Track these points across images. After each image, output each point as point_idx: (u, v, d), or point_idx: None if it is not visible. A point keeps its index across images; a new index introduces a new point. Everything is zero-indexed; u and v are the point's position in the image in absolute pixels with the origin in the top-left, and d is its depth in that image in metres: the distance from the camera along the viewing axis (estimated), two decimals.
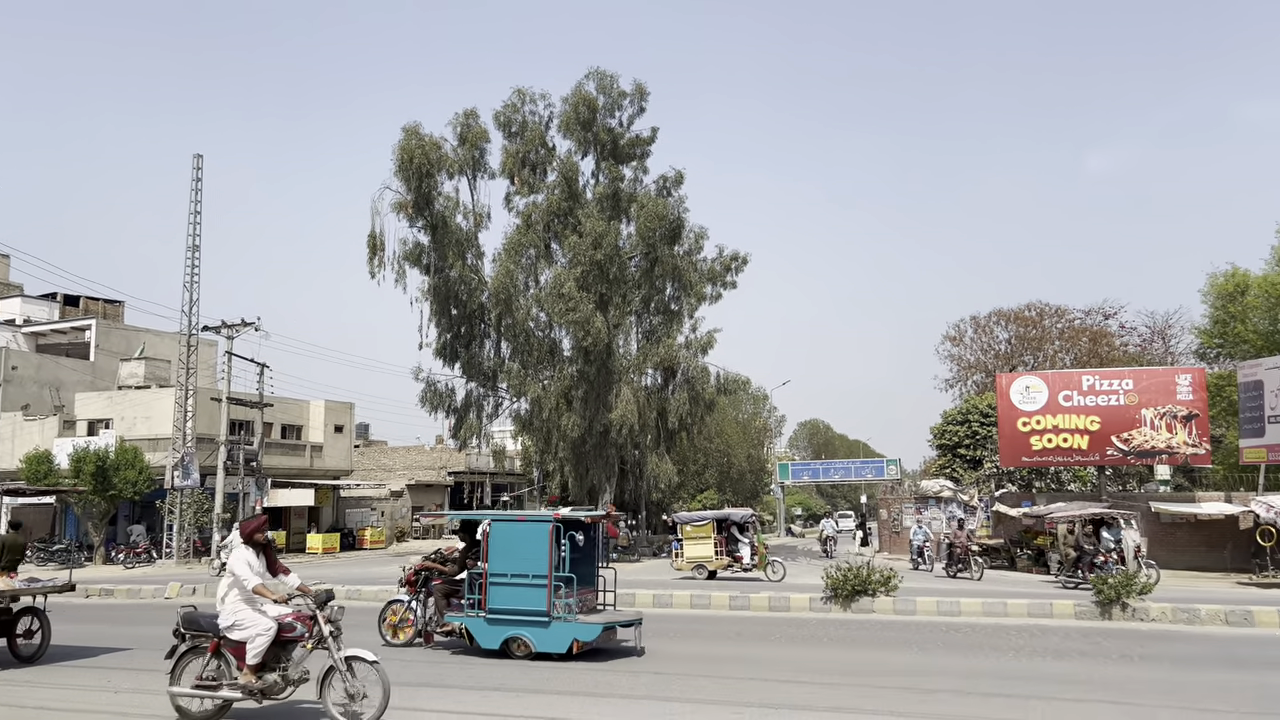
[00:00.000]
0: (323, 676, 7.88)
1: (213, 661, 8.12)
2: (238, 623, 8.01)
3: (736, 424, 64.49)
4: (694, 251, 37.36)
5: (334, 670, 7.85)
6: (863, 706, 9.02)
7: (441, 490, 59.21)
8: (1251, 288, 35.88)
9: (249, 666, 7.85)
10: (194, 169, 37.72)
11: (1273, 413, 28.56)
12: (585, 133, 36.07)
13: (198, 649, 8.25)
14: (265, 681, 7.86)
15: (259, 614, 8.03)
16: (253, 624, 7.95)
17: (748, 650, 12.91)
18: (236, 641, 7.99)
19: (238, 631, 7.98)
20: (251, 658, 7.84)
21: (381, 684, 7.78)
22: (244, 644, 7.93)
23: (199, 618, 8.36)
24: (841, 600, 17.25)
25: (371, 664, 7.85)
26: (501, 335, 36.00)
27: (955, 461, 43.01)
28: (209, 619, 8.26)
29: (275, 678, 7.91)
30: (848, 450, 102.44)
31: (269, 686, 7.87)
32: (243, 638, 7.94)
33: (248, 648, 7.88)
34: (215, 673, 8.10)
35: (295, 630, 8.01)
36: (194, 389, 37.51)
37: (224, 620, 8.07)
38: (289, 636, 7.99)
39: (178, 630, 8.34)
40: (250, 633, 7.91)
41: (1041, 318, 50.36)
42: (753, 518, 27.06)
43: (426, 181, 34.02)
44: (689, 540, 25.31)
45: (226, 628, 8.04)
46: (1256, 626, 15.11)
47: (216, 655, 8.13)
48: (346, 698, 7.79)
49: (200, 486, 36.52)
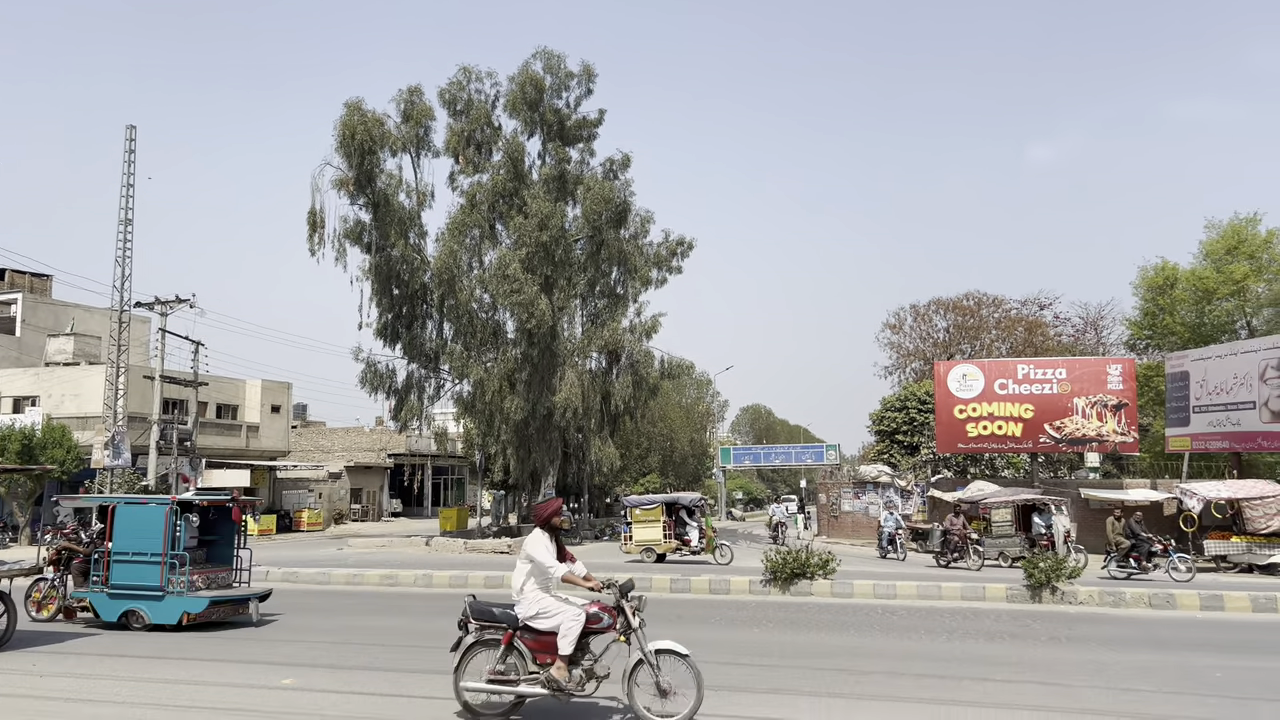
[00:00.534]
0: (631, 670, 7.37)
1: (505, 655, 7.56)
2: (542, 612, 7.47)
3: (680, 408, 64.81)
4: (640, 235, 37.32)
5: (642, 664, 7.35)
6: (800, 688, 9.13)
7: (381, 472, 58.59)
8: (1180, 282, 36.98)
9: (562, 658, 7.29)
10: (127, 140, 36.63)
11: (1197, 403, 29.50)
12: (532, 113, 35.75)
13: (487, 641, 7.67)
14: (574, 676, 7.33)
15: (565, 603, 7.55)
16: (560, 613, 7.43)
17: (688, 633, 12.99)
18: (539, 632, 7.48)
19: (543, 621, 7.45)
20: (565, 648, 7.29)
21: (695, 679, 7.32)
22: (547, 635, 7.42)
23: (490, 608, 7.80)
24: (780, 583, 17.44)
25: (683, 658, 7.40)
26: (444, 316, 35.60)
27: (893, 447, 43.72)
28: (503, 609, 7.72)
29: (581, 672, 7.37)
30: (789, 435, 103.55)
31: (577, 681, 7.33)
32: (549, 627, 7.41)
33: (561, 638, 7.34)
34: (508, 667, 7.50)
35: (602, 621, 7.47)
36: (126, 366, 36.53)
37: (525, 610, 7.52)
38: (595, 628, 7.45)
39: (464, 621, 7.82)
40: (558, 622, 7.38)
41: (979, 307, 51.36)
42: (702, 502, 27.19)
43: (369, 158, 33.41)
44: (638, 524, 25.38)
45: (529, 618, 7.49)
46: (1178, 609, 15.63)
47: (509, 648, 7.56)
48: (657, 693, 7.30)
49: (132, 466, 35.65)
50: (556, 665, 7.30)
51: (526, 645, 7.50)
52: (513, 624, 7.56)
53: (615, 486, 56.18)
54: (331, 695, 8.77)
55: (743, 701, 8.46)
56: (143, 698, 8.69)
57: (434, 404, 38.16)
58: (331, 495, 51.69)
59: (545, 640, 7.45)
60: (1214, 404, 28.81)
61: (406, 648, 11.59)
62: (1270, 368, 26.81)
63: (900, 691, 9.02)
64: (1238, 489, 25.29)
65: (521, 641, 7.52)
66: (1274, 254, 35.92)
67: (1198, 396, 29.45)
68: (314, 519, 47.15)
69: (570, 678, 7.29)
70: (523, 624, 7.52)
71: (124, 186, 36.45)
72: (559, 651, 7.30)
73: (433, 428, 40.51)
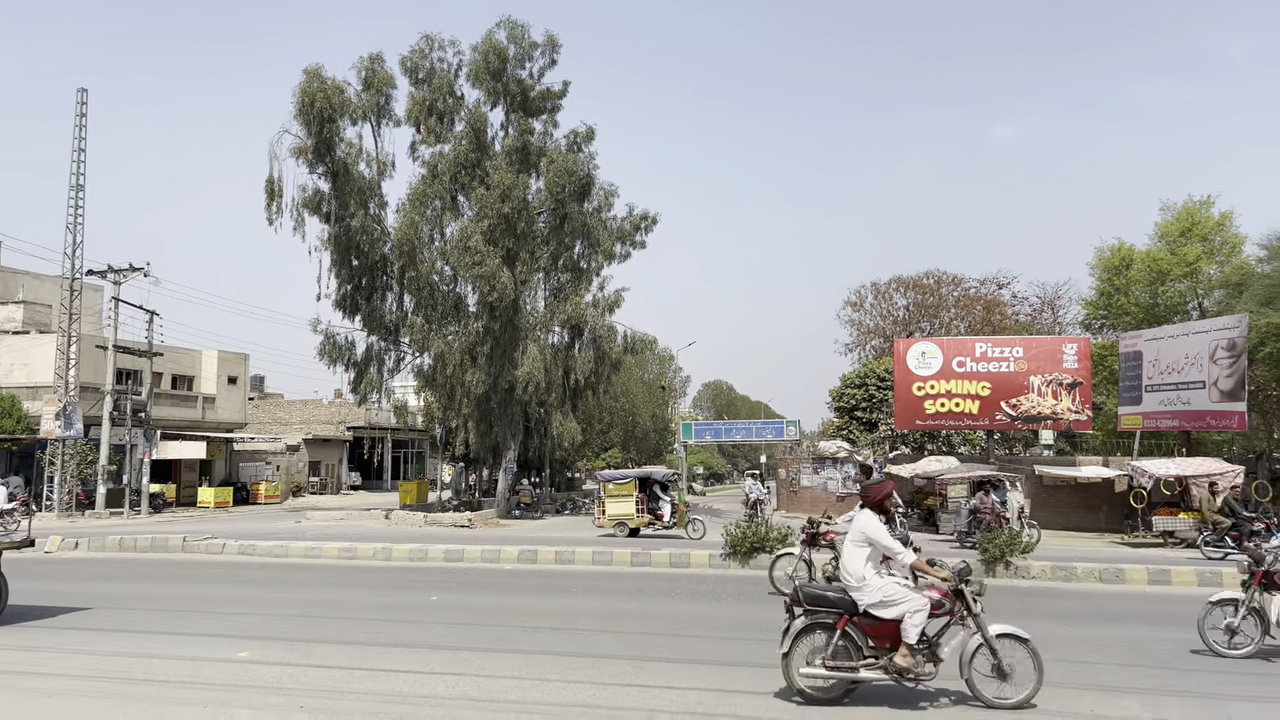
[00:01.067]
0: (971, 654, 7.29)
1: (839, 640, 7.41)
2: (887, 600, 7.32)
3: (642, 384, 64.92)
4: (604, 209, 37.13)
5: (982, 648, 7.29)
6: (760, 660, 9.18)
7: (340, 445, 58.11)
8: (1135, 262, 37.56)
9: (907, 646, 7.20)
10: (78, 104, 35.71)
11: (1150, 382, 30.04)
12: (495, 83, 35.31)
13: (818, 625, 7.53)
14: (918, 661, 7.24)
15: (908, 590, 7.40)
16: (906, 601, 7.30)
17: (648, 606, 13.05)
18: (880, 620, 7.35)
19: (887, 609, 7.31)
20: (912, 636, 7.19)
21: (1035, 663, 7.25)
22: (890, 622, 7.30)
23: (825, 593, 7.63)
24: (740, 557, 17.57)
25: (1023, 642, 7.31)
26: (405, 288, 35.22)
27: (852, 424, 44.14)
28: (839, 594, 7.55)
29: (923, 658, 7.30)
30: (749, 411, 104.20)
31: (922, 667, 7.25)
32: (894, 615, 7.28)
33: (907, 627, 7.22)
34: (840, 651, 7.38)
35: (944, 607, 7.37)
36: (77, 336, 35.80)
37: (868, 597, 7.37)
38: (937, 614, 7.35)
39: (791, 606, 7.65)
40: (903, 610, 7.25)
41: (939, 286, 51.80)
42: (675, 476, 27.18)
43: (328, 126, 32.83)
44: (611, 498, 25.37)
45: (872, 605, 7.35)
46: (1127, 584, 15.96)
47: (843, 634, 7.42)
48: (997, 676, 7.26)
49: (84, 437, 35.02)
50: (901, 652, 7.24)
51: (864, 630, 7.41)
52: (849, 609, 7.44)
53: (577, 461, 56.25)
54: (288, 668, 8.70)
55: (702, 674, 8.52)
56: (91, 670, 8.56)
57: (394, 377, 37.86)
58: (289, 468, 51.19)
59: (886, 627, 7.36)
60: (1165, 383, 29.36)
61: (365, 621, 11.52)
62: (1220, 348, 27.34)
63: None
64: (1186, 466, 25.82)
65: (858, 627, 7.44)
66: (1226, 236, 36.59)
67: (1150, 376, 30.00)
68: (272, 492, 46.68)
69: (916, 663, 7.25)
70: (863, 610, 7.40)
71: (75, 151, 35.59)
72: (904, 639, 7.24)
73: (393, 401, 40.21)
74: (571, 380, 36.23)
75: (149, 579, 16.13)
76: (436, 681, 8.19)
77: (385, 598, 13.60)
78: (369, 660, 9.04)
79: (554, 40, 36.13)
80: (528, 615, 11.89)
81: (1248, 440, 33.15)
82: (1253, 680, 8.66)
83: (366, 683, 8.16)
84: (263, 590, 14.31)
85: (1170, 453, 32.06)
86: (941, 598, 7.39)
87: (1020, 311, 49.59)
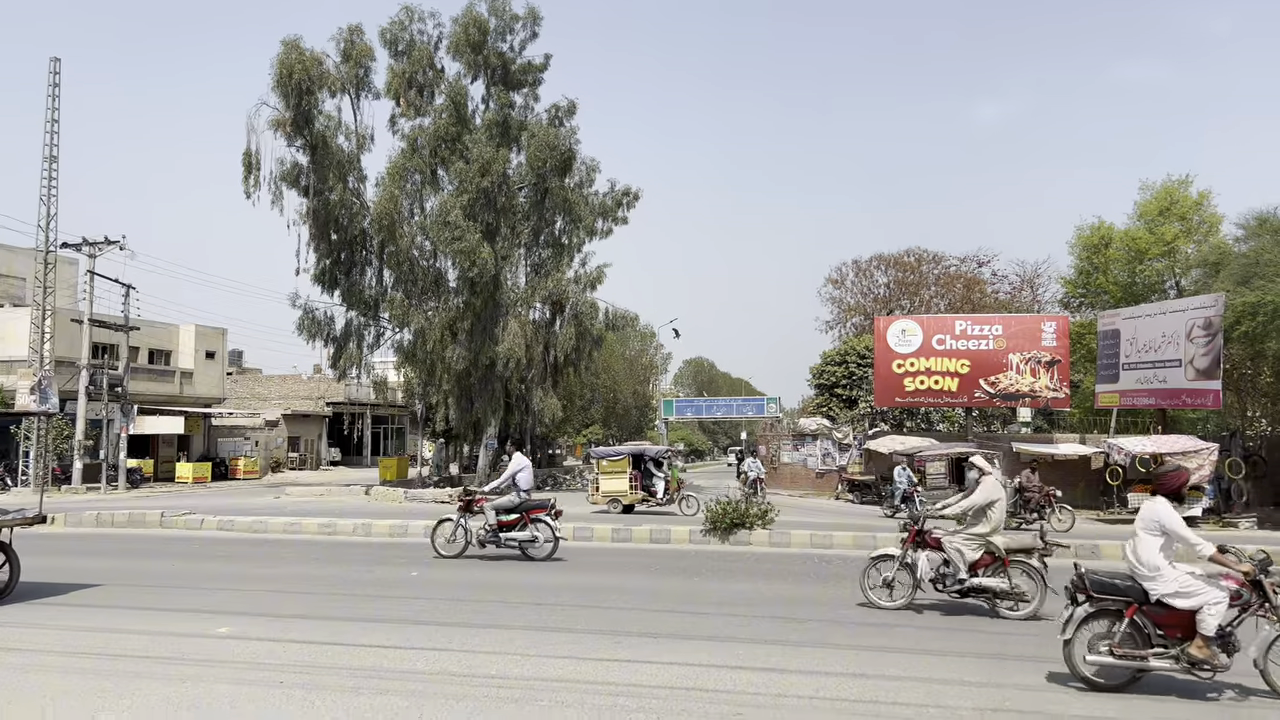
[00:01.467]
0: (1268, 647, 7.14)
1: (1124, 627, 7.32)
2: (1183, 590, 7.17)
3: (624, 360, 64.87)
4: (585, 184, 36.95)
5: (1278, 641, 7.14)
6: (738, 635, 9.25)
7: (319, 421, 57.85)
8: (1114, 241, 37.75)
9: (1203, 638, 7.05)
10: (51, 74, 35.13)
11: (1127, 361, 30.26)
12: (475, 55, 34.99)
13: (1102, 613, 7.44)
14: (1213, 653, 7.07)
15: (1204, 582, 7.20)
16: (1204, 592, 7.14)
17: (627, 581, 13.09)
18: (1173, 609, 7.21)
19: (1183, 600, 7.16)
20: (1209, 629, 7.03)
21: None
22: (1182, 612, 7.17)
23: (1113, 581, 7.48)
24: (720, 533, 17.64)
25: None
26: (384, 263, 34.98)
27: (832, 400, 44.32)
28: (1127, 582, 7.43)
29: (1218, 649, 7.10)
30: (730, 388, 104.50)
31: (1215, 659, 7.08)
32: (1191, 606, 7.13)
33: (1205, 618, 7.07)
34: (1128, 640, 7.29)
35: (1241, 598, 7.20)
36: (52, 309, 35.39)
37: (1163, 587, 7.22)
38: (1233, 604, 7.20)
39: (1075, 592, 7.55)
40: (1200, 601, 7.10)
41: (920, 263, 51.96)
42: (668, 453, 27.14)
43: (306, 99, 32.47)
44: (605, 475, 25.32)
45: (1167, 594, 7.21)
46: (1102, 559, 16.13)
47: (1130, 621, 7.31)
48: None
49: (60, 412, 34.69)
50: (1196, 643, 7.13)
51: (1152, 619, 7.31)
52: (1139, 598, 7.35)
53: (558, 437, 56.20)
54: (268, 643, 8.66)
55: (681, 649, 8.55)
56: (68, 646, 8.49)
57: (374, 352, 37.72)
58: (268, 443, 50.94)
59: (1177, 616, 7.24)
60: (1142, 361, 29.58)
61: (346, 596, 11.50)
62: (1197, 327, 27.55)
63: (835, 638, 9.19)
64: (1161, 444, 26.09)
65: (1147, 616, 7.33)
66: (1204, 215, 36.82)
67: (1127, 354, 30.21)
68: (250, 467, 46.48)
69: (1212, 654, 7.12)
70: (1155, 600, 7.31)
71: (48, 122, 35.05)
72: (1200, 630, 7.12)
73: (372, 376, 40.06)
74: (552, 356, 36.15)
75: (126, 555, 16.03)
76: (416, 656, 8.19)
77: (365, 573, 13.57)
78: (349, 635, 9.02)
79: (535, 13, 35.86)
80: (508, 590, 11.90)
81: (1222, 418, 33.49)
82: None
83: (346, 658, 8.14)
84: (242, 566, 14.25)
85: (1146, 430, 32.36)
86: (1239, 588, 7.28)
87: (1000, 290, 49.83)
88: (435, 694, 7.02)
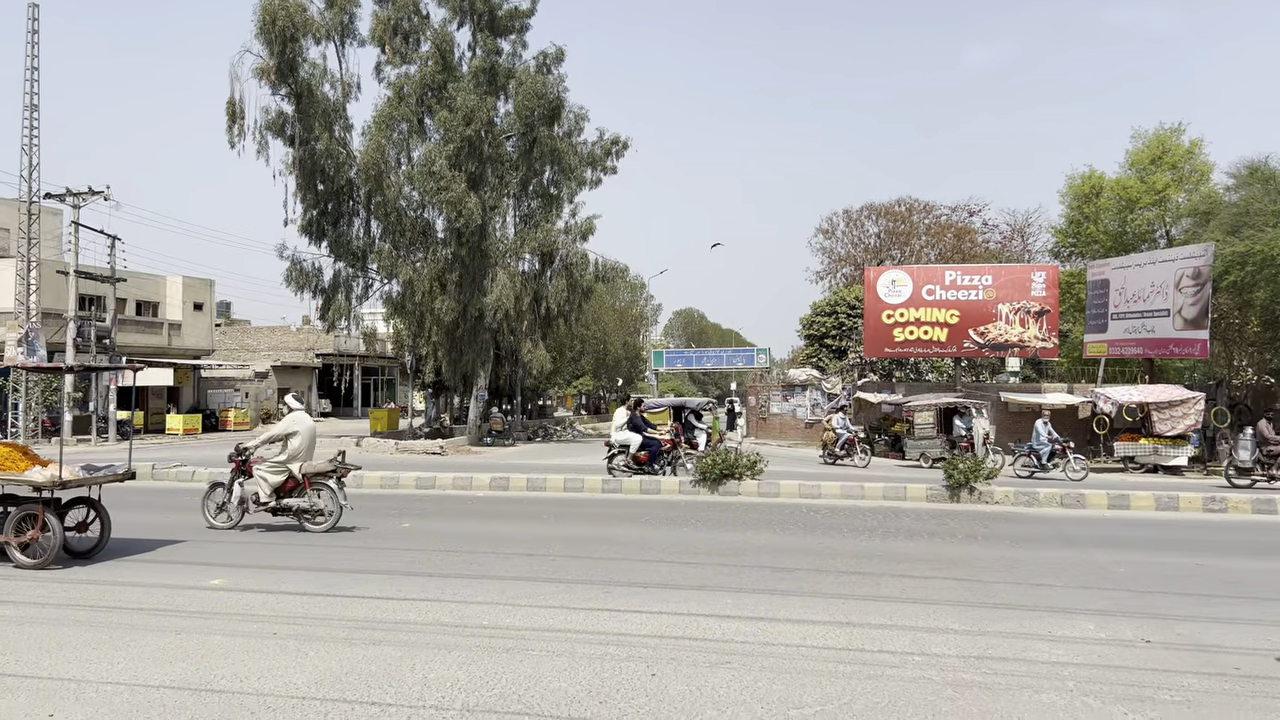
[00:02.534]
0: None
1: None
2: None
3: (614, 311, 64.81)
4: (574, 134, 36.59)
5: None
6: (726, 584, 9.36)
7: (309, 372, 57.78)
8: (1105, 190, 37.63)
9: None
10: (29, 19, 34.41)
11: (1116, 310, 30.38)
12: (461, 1, 34.40)
13: None
14: None
15: None
16: None
17: (616, 531, 13.19)
18: None
19: None
20: None
21: None
22: None
23: None
24: (710, 484, 17.76)
25: None
26: (371, 213, 34.69)
27: (822, 351, 44.47)
28: None
29: None
30: (720, 339, 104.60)
31: None
32: None
33: None
34: None
35: None
36: (37, 261, 35.08)
37: None
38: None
39: None
40: None
41: (910, 213, 51.83)
42: (710, 405, 26.91)
43: (291, 46, 31.91)
44: None
45: None
46: (1087, 508, 16.34)
47: None
48: None
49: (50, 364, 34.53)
50: None
51: None
52: None
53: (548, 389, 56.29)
54: (262, 595, 8.72)
55: (671, 598, 8.64)
56: (61, 598, 8.55)
57: (362, 304, 37.56)
58: (258, 395, 50.90)
59: None
60: (1131, 311, 29.70)
61: (337, 548, 11.56)
62: (1186, 276, 27.63)
63: (822, 587, 9.30)
64: (1148, 393, 26.30)
65: None
66: (1195, 164, 36.68)
67: (1116, 304, 30.32)
68: (241, 419, 46.52)
69: None
70: None
71: (28, 70, 34.43)
72: None
73: (361, 328, 39.98)
74: (543, 308, 36.08)
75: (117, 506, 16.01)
76: (409, 608, 8.26)
77: (357, 525, 13.64)
78: (342, 587, 9.09)
79: None
80: (500, 541, 11.98)
81: (1209, 368, 33.72)
82: (1224, 602, 8.91)
83: (339, 609, 8.21)
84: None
85: (1133, 380, 32.58)
86: None
87: (990, 239, 49.81)
88: (428, 644, 7.10)
